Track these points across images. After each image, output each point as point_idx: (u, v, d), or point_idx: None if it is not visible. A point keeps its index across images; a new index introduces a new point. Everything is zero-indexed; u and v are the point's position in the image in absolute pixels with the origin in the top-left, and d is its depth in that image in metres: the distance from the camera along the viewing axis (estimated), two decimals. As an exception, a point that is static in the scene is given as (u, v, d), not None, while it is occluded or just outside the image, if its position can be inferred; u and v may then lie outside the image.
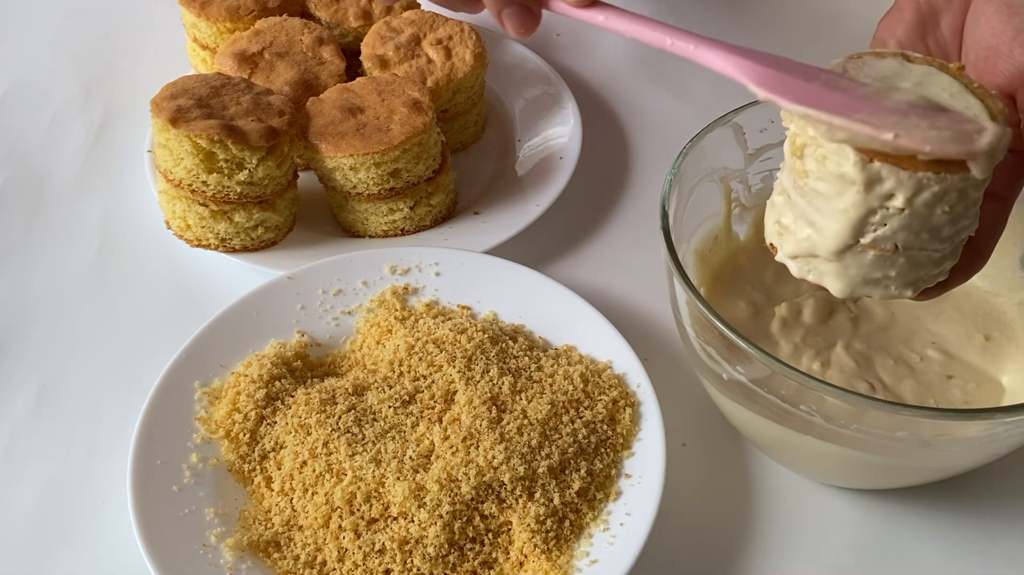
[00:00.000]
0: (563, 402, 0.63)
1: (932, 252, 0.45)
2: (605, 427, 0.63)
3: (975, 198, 0.44)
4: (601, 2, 0.50)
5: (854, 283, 0.46)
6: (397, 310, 0.70)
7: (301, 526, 0.59)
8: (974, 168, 0.42)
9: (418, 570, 0.57)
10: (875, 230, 0.44)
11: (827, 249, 0.45)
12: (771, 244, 0.48)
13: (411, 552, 0.57)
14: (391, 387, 0.65)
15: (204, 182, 0.71)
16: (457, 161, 0.85)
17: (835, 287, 0.46)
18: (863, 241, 0.44)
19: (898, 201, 0.42)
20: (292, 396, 0.65)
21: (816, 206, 0.45)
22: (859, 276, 0.46)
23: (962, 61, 0.51)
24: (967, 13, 0.52)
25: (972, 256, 0.47)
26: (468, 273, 0.72)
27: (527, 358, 0.66)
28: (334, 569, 0.57)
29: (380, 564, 0.57)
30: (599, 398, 0.64)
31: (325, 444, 0.61)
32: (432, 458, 0.61)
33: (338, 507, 0.59)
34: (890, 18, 0.54)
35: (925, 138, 0.41)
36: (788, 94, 0.43)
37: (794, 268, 0.48)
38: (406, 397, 0.64)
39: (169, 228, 0.76)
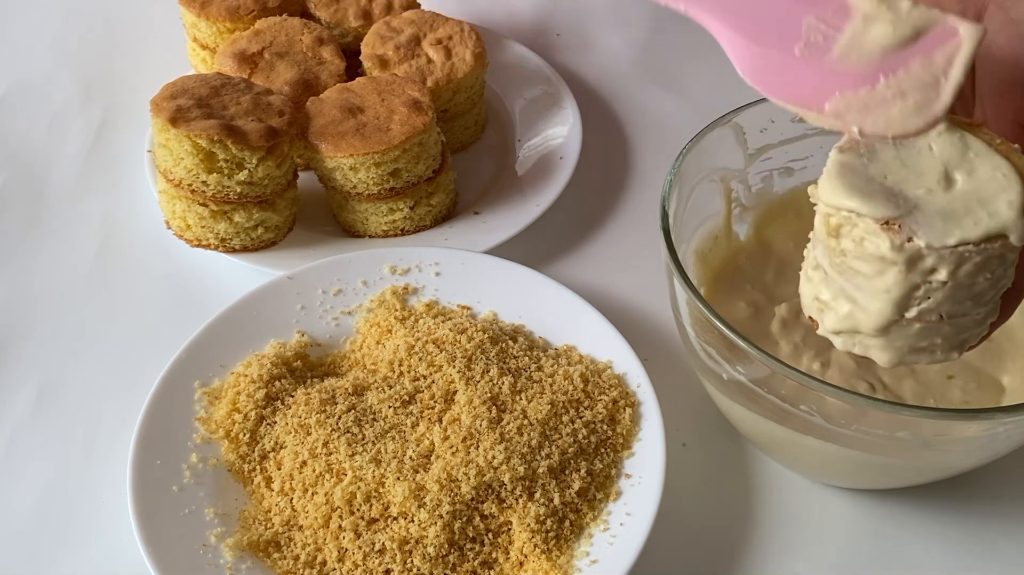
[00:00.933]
0: (563, 402, 0.63)
1: (975, 315, 0.45)
2: (605, 427, 0.63)
3: (1013, 259, 0.44)
4: None
5: (901, 353, 0.46)
6: (397, 310, 0.70)
7: (301, 526, 0.59)
8: (1013, 237, 0.42)
9: (418, 570, 0.57)
10: (919, 304, 0.44)
11: (871, 327, 0.45)
12: (810, 318, 0.48)
13: (411, 552, 0.57)
14: (391, 387, 0.65)
15: (204, 182, 0.71)
16: (457, 161, 0.85)
17: (882, 359, 0.46)
18: (908, 316, 0.44)
19: (941, 275, 0.42)
20: (292, 396, 0.65)
21: (856, 284, 0.45)
22: (905, 347, 0.46)
23: (975, 93, 0.51)
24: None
25: (1012, 295, 0.47)
26: (468, 273, 0.72)
27: (527, 358, 0.66)
28: (334, 569, 0.57)
29: (380, 564, 0.57)
30: (599, 398, 0.64)
31: (325, 444, 0.61)
32: (432, 458, 0.61)
33: (338, 507, 0.59)
34: None
35: (888, 122, 0.43)
36: (768, 79, 0.46)
37: (838, 342, 0.47)
38: (406, 397, 0.64)
39: (169, 228, 0.76)
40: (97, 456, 0.65)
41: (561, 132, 0.85)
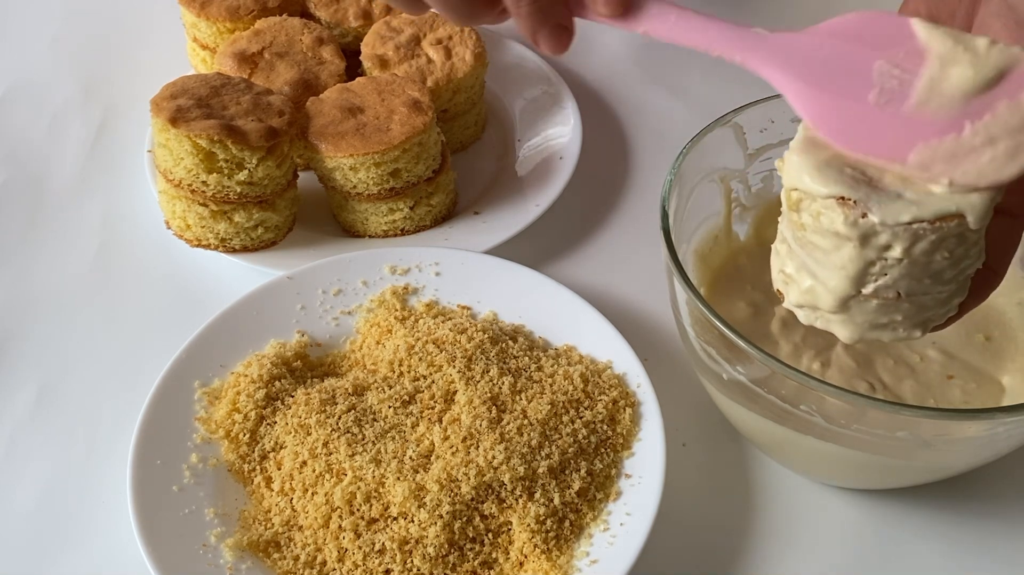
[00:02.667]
0: (563, 402, 0.63)
1: (937, 294, 0.44)
2: (605, 427, 0.63)
3: (975, 239, 0.43)
4: (639, 4, 0.47)
5: (861, 330, 0.46)
6: (397, 310, 0.70)
7: (301, 526, 0.59)
8: (970, 218, 0.41)
9: (418, 570, 0.57)
10: (876, 280, 0.44)
11: (829, 302, 0.45)
12: (778, 291, 0.48)
13: (411, 552, 0.57)
14: (391, 387, 0.65)
15: (204, 182, 0.71)
16: (457, 161, 0.85)
17: (843, 334, 0.46)
18: (865, 291, 0.44)
19: (896, 252, 0.42)
20: (292, 396, 0.65)
21: (815, 258, 0.45)
22: (865, 323, 0.45)
23: None
24: (971, 28, 0.51)
25: (986, 277, 0.46)
26: (468, 273, 0.72)
27: (527, 358, 0.66)
28: (334, 569, 0.57)
29: (380, 564, 0.57)
30: (599, 398, 0.64)
31: (325, 444, 0.61)
32: (432, 458, 0.61)
33: (338, 507, 0.59)
34: None
35: (980, 171, 0.41)
36: (843, 131, 0.43)
37: (801, 316, 0.47)
38: (406, 397, 0.64)
39: (169, 228, 0.76)
40: (97, 456, 0.65)
41: (561, 132, 0.85)
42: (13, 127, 0.88)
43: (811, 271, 0.45)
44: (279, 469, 0.62)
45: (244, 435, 0.63)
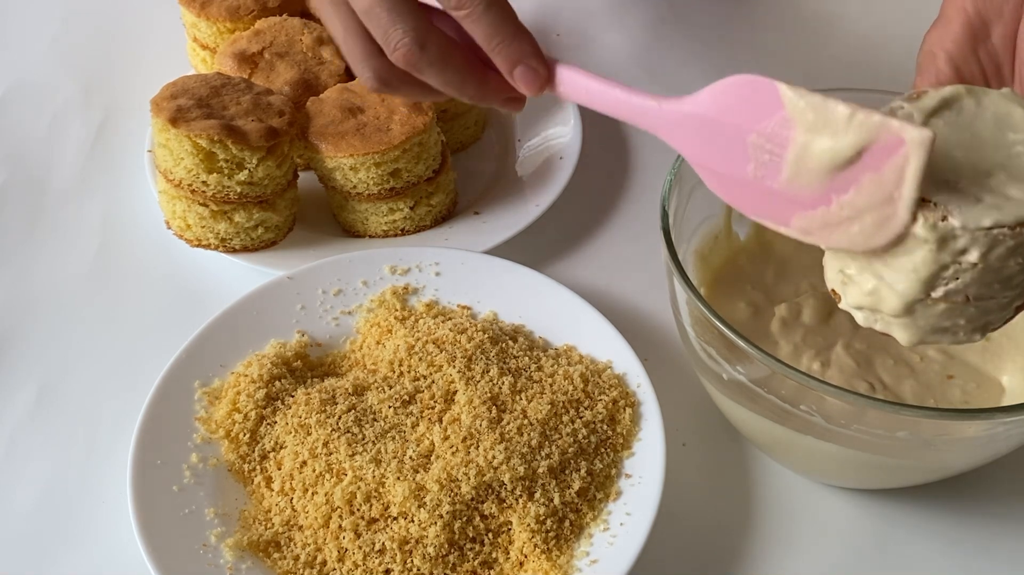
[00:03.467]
0: (563, 402, 0.63)
1: (1002, 298, 0.44)
2: (605, 427, 0.63)
3: None
4: (555, 77, 0.52)
5: (923, 333, 0.45)
6: (397, 310, 0.70)
7: (301, 526, 0.59)
8: None
9: (418, 570, 0.57)
10: (947, 284, 0.43)
11: (894, 305, 0.44)
12: (833, 291, 0.48)
13: (411, 552, 0.57)
14: (391, 387, 0.65)
15: (204, 182, 0.71)
16: (457, 161, 0.85)
17: (903, 337, 0.46)
18: (934, 295, 0.43)
19: (972, 257, 0.42)
20: (292, 396, 0.65)
21: (884, 260, 0.44)
22: (928, 326, 0.45)
23: (1016, 70, 0.50)
24: (1019, 23, 0.50)
25: None
26: (468, 273, 0.72)
27: (527, 358, 0.66)
28: (334, 569, 0.57)
29: (380, 564, 0.57)
30: (599, 398, 0.64)
31: (325, 444, 0.61)
32: (432, 458, 0.61)
33: (338, 507, 0.59)
34: (939, 29, 0.52)
35: (851, 240, 0.43)
36: (737, 199, 0.47)
37: (860, 317, 0.47)
38: (406, 397, 0.64)
39: (169, 228, 0.76)
40: (97, 456, 0.65)
41: (561, 132, 0.85)
42: (13, 127, 0.88)
43: (877, 273, 0.44)
44: (279, 469, 0.62)
45: (244, 435, 0.63)
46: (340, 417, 0.62)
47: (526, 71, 0.51)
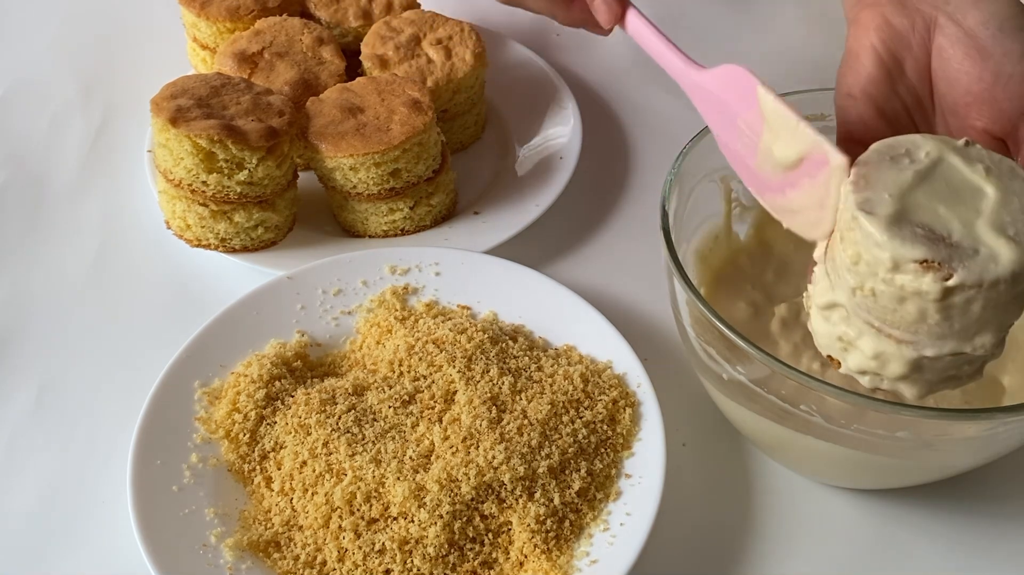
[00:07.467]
0: (563, 402, 0.63)
1: (1000, 334, 0.44)
2: (605, 427, 0.63)
3: None
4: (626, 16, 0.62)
5: (930, 385, 0.46)
6: (397, 310, 0.70)
7: (301, 526, 0.59)
8: None
9: (418, 570, 0.57)
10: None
11: (899, 369, 0.45)
12: (829, 357, 0.48)
13: (411, 552, 0.57)
14: (391, 387, 0.65)
15: (204, 182, 0.71)
16: (457, 161, 0.85)
17: (911, 394, 0.46)
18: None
19: (976, 308, 0.42)
20: (292, 396, 0.65)
21: (886, 321, 0.44)
22: (935, 379, 0.45)
23: (936, 103, 0.51)
24: (930, 56, 0.50)
25: None
26: (468, 273, 0.72)
27: (527, 358, 0.66)
28: (334, 569, 0.57)
29: (380, 564, 0.57)
30: (599, 398, 0.64)
31: (325, 444, 0.61)
32: (432, 458, 0.61)
33: (338, 507, 0.59)
34: (851, 70, 0.52)
35: (799, 229, 0.49)
36: (733, 161, 0.54)
37: (864, 381, 0.47)
38: (406, 397, 0.64)
39: (169, 228, 0.76)
40: (97, 456, 0.65)
41: (561, 132, 0.85)
42: (13, 127, 0.88)
43: (881, 333, 0.45)
44: (279, 469, 0.62)
45: (244, 435, 0.63)
46: (340, 417, 0.62)
47: (603, 4, 0.62)
